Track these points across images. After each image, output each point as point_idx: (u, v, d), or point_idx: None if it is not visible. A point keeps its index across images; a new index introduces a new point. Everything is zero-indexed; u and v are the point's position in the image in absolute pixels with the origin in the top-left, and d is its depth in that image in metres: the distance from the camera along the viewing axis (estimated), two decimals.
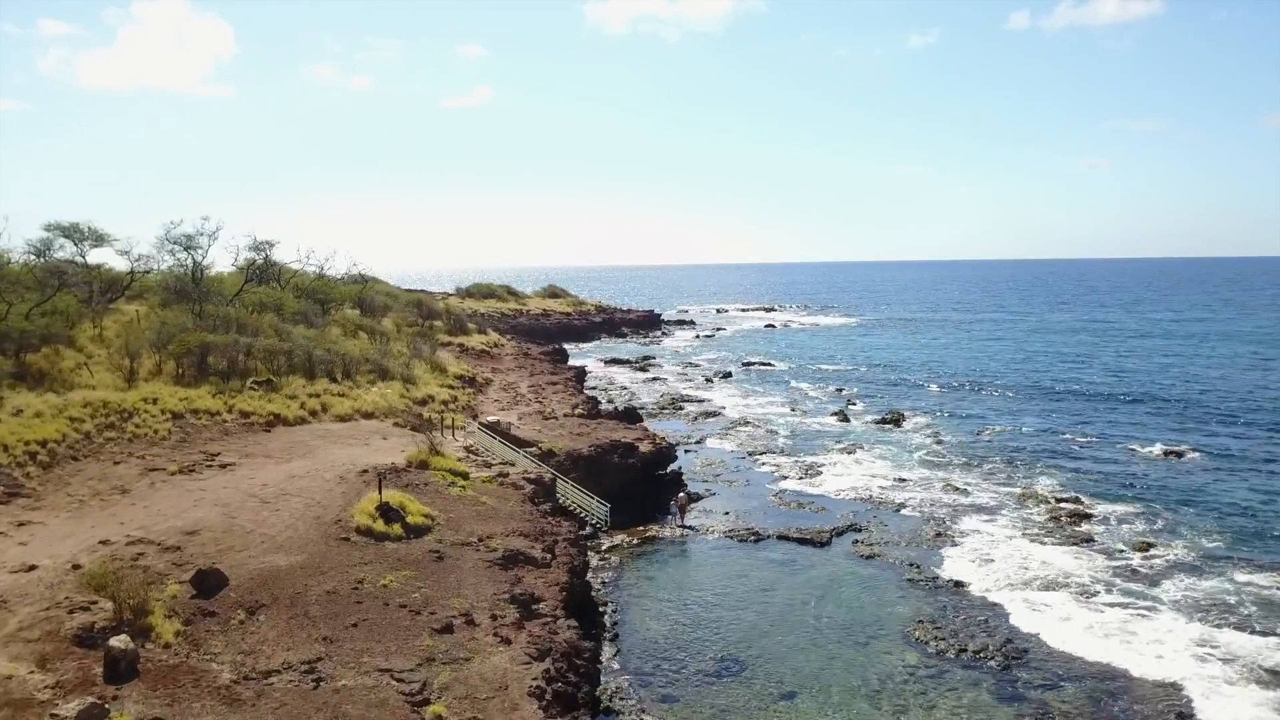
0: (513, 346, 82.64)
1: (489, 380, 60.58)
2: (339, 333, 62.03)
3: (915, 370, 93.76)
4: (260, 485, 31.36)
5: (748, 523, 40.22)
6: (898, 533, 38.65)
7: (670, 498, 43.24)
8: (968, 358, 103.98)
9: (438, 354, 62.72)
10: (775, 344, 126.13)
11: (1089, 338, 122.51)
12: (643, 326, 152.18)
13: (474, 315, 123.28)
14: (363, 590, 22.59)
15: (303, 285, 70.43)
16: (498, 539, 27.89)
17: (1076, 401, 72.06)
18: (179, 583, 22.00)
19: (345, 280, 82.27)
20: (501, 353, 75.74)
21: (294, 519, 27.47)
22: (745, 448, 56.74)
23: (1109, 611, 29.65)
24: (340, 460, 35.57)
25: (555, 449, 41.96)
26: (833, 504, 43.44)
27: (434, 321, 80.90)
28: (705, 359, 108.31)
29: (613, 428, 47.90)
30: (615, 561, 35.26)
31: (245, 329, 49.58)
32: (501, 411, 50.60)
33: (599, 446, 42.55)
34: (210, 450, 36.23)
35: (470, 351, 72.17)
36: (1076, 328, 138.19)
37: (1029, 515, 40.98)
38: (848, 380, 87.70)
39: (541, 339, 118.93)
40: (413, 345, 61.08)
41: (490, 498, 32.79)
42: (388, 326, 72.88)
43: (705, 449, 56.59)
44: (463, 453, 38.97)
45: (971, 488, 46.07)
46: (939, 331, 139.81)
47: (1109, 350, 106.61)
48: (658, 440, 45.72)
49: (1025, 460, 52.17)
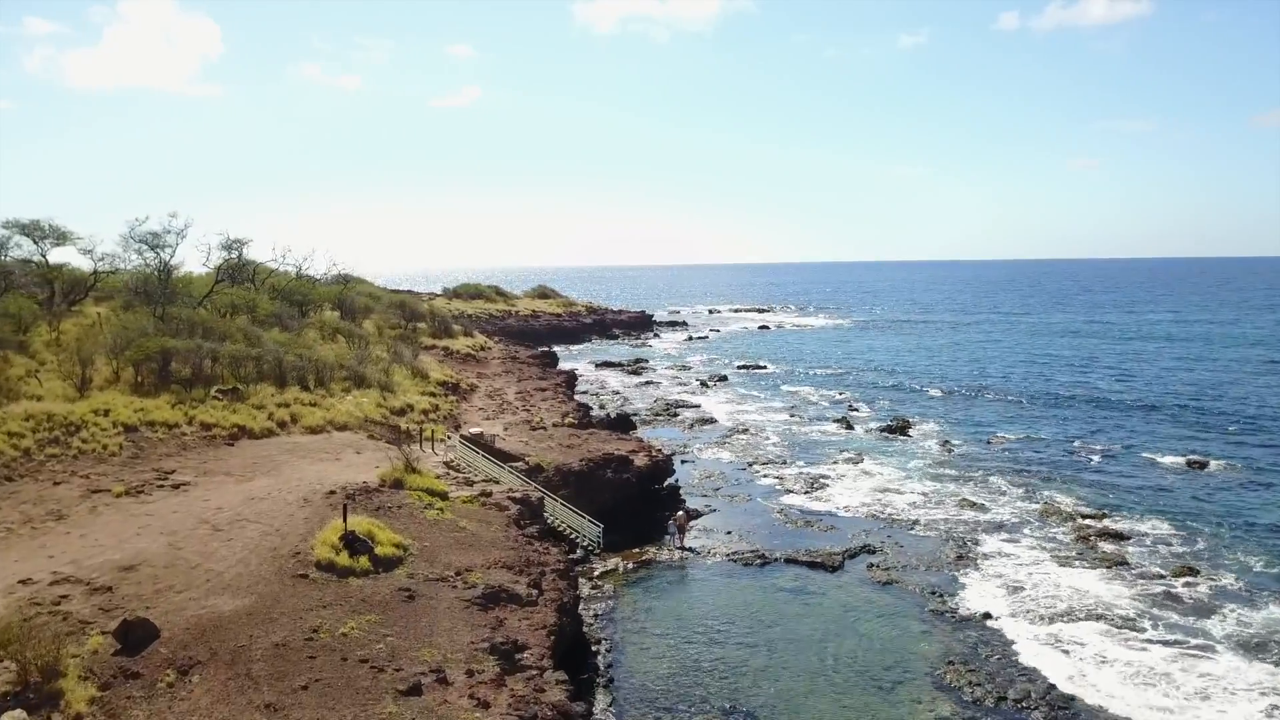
0: (500, 350, 79.55)
1: (474, 386, 57.44)
2: (316, 336, 58.86)
3: (916, 374, 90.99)
4: (215, 509, 28.21)
5: (752, 543, 37.18)
6: (915, 554, 35.68)
7: (668, 514, 40.23)
8: (969, 360, 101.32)
9: (420, 358, 59.57)
10: (770, 346, 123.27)
11: (1090, 340, 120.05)
12: (634, 328, 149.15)
13: (461, 317, 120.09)
14: (318, 641, 19.46)
15: (280, 286, 67.22)
16: (478, 572, 24.82)
17: (1086, 407, 69.32)
18: (103, 633, 18.90)
19: (325, 281, 79.02)
20: (488, 356, 72.61)
21: (247, 551, 24.32)
22: (745, 458, 53.75)
23: (1156, 650, 26.72)
24: (307, 478, 32.45)
25: (543, 463, 38.89)
26: (842, 521, 40.45)
27: (417, 324, 77.76)
28: (699, 361, 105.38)
29: (605, 438, 44.86)
30: (609, 590, 32.18)
31: (212, 333, 46.39)
32: (486, 421, 47.52)
33: (591, 461, 39.49)
34: (164, 468, 33.02)
35: (455, 355, 69.02)
36: (1076, 330, 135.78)
37: (1054, 534, 38.08)
38: (846, 384, 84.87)
39: (531, 341, 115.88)
40: (393, 349, 57.95)
41: (471, 521, 29.71)
42: (369, 329, 69.71)
43: (703, 459, 53.59)
44: (442, 469, 35.89)
45: (989, 502, 43.16)
46: (936, 333, 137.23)
47: (1112, 353, 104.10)
48: (654, 453, 42.69)
49: (1041, 472, 49.33)
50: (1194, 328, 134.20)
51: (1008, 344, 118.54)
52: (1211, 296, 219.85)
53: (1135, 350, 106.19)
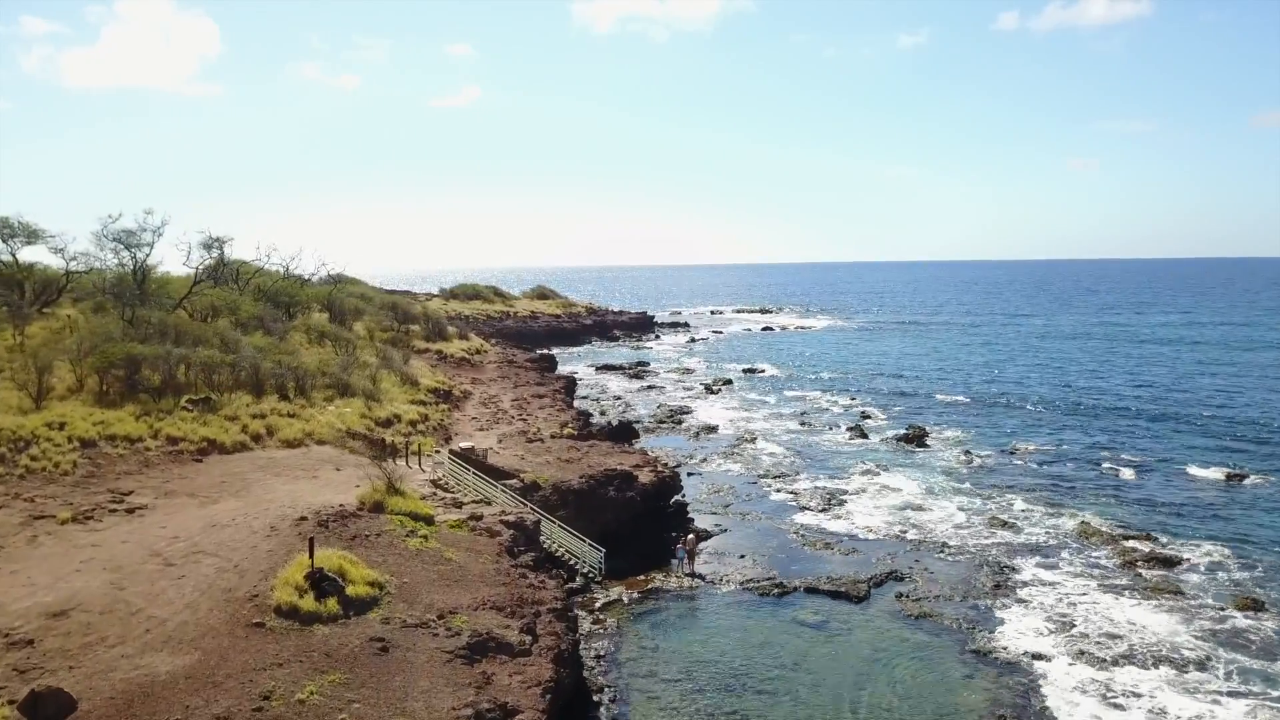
0: (496, 353, 76.44)
1: (468, 393, 54.33)
2: (302, 340, 55.77)
3: (926, 378, 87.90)
4: (170, 538, 25.11)
5: (768, 569, 34.08)
6: (947, 582, 32.57)
7: (675, 535, 37.12)
8: (979, 364, 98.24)
9: (411, 363, 56.48)
10: (775, 349, 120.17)
11: (1102, 343, 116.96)
12: (635, 329, 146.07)
13: (457, 318, 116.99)
14: (268, 712, 16.37)
15: (265, 287, 64.12)
16: (463, 615, 21.74)
17: (1107, 415, 66.24)
18: (10, 702, 15.83)
19: (316, 281, 75.87)
20: (484, 360, 69.51)
21: (198, 593, 21.22)
22: (754, 470, 50.65)
23: (1233, 705, 23.61)
24: (279, 500, 29.36)
25: (540, 480, 35.78)
26: (864, 544, 37.33)
27: (410, 326, 74.66)
28: (702, 364, 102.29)
29: (607, 451, 41.74)
30: (612, 625, 29.05)
31: (185, 338, 43.28)
32: (480, 432, 44.40)
33: (591, 478, 36.36)
34: (121, 488, 29.91)
35: (449, 359, 65.91)
36: (1087, 332, 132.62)
37: (1096, 559, 34.98)
38: (855, 389, 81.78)
39: (529, 343, 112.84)
40: (382, 354, 54.84)
41: (458, 550, 26.62)
42: (359, 332, 66.64)
43: (710, 472, 50.48)
44: (429, 489, 32.78)
45: (1020, 521, 40.07)
46: (944, 335, 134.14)
47: (1127, 357, 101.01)
48: (659, 467, 39.56)
49: (1071, 486, 46.25)
50: (1206, 330, 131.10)
51: (1017, 347, 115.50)
52: (1218, 298, 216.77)
53: (1151, 354, 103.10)
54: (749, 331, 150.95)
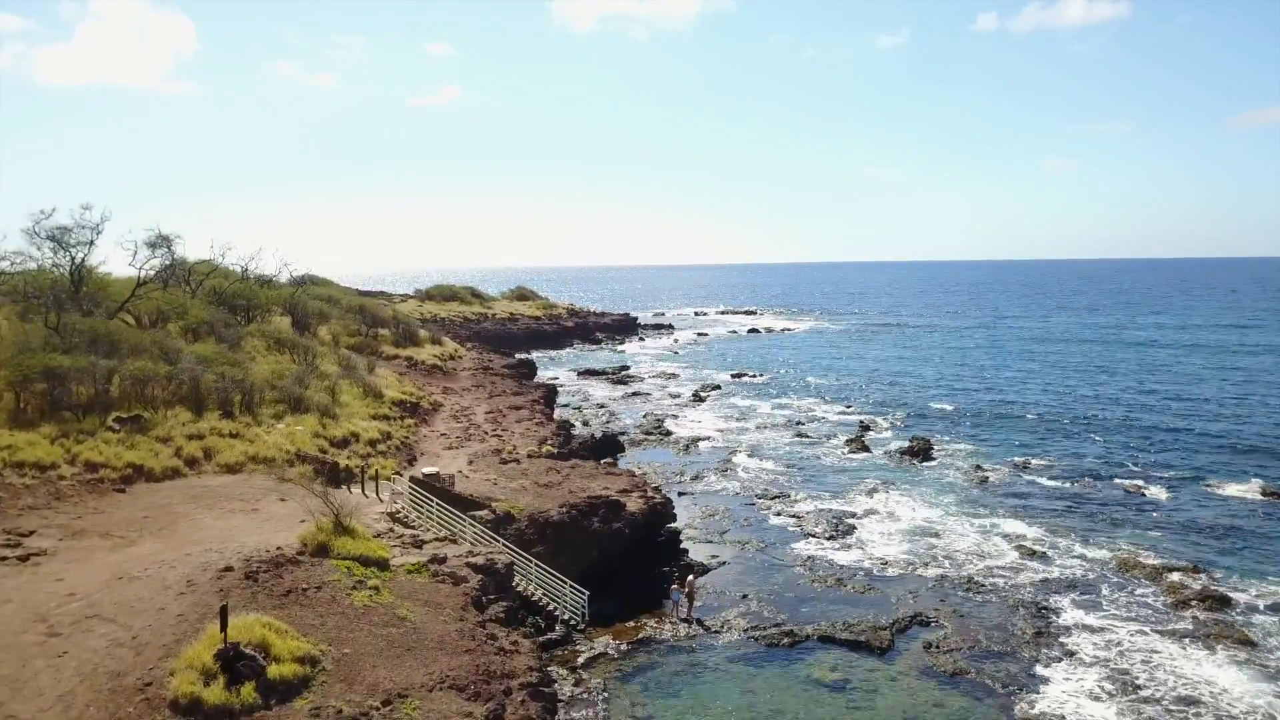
0: (472, 358, 72.03)
1: (438, 405, 49.90)
2: (259, 347, 51.21)
3: (923, 384, 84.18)
4: (65, 596, 20.73)
5: (774, 612, 29.97)
6: (980, 628, 28.58)
7: (667, 569, 33.00)
8: (976, 369, 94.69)
9: (376, 372, 52.06)
10: (762, 352, 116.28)
11: (1098, 347, 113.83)
12: (618, 331, 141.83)
13: (432, 321, 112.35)
14: None
15: (221, 289, 59.45)
16: (415, 698, 17.56)
17: (1119, 425, 62.67)
18: None
19: (280, 283, 71.14)
20: (458, 367, 65.07)
21: (78, 678, 16.87)
22: (751, 488, 46.60)
23: None
24: (208, 540, 25.00)
25: (515, 511, 31.51)
26: (881, 579, 33.25)
27: (380, 330, 70.13)
28: (689, 369, 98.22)
29: (591, 473, 37.50)
30: (598, 687, 24.79)
31: (120, 347, 38.72)
32: (449, 450, 40.02)
33: (573, 507, 32.11)
34: (20, 528, 25.43)
35: (419, 367, 61.45)
36: (1085, 336, 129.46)
37: (1143, 596, 31.11)
38: (850, 395, 77.95)
39: (508, 347, 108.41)
40: (345, 362, 50.39)
41: (415, 606, 22.38)
42: (323, 337, 62.10)
43: (702, 491, 46.38)
44: (386, 523, 28.47)
45: (1049, 549, 36.16)
46: (935, 338, 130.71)
47: (1130, 362, 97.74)
48: (649, 493, 35.36)
49: (1099, 508, 42.49)
50: (1202, 333, 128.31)
51: (1012, 350, 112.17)
52: (1205, 299, 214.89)
53: (1151, 359, 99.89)
54: (735, 334, 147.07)
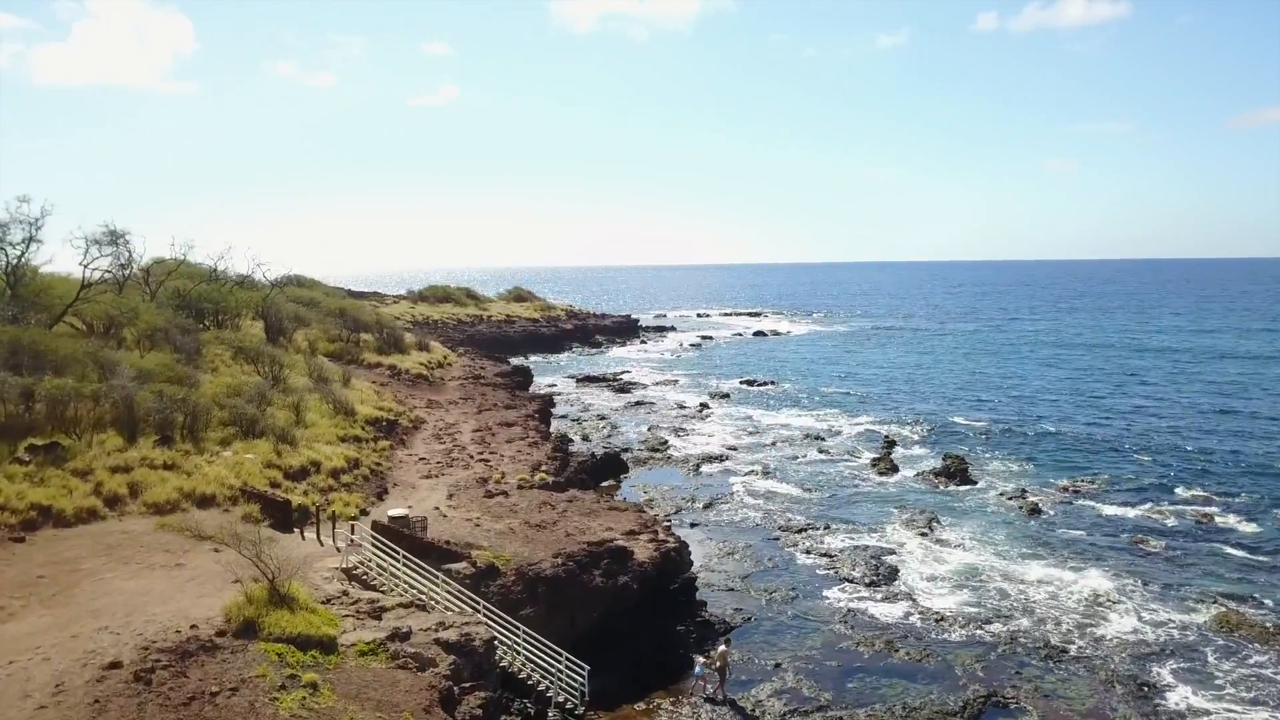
0: (463, 365, 66.63)
1: (419, 422, 44.48)
2: (223, 357, 45.83)
3: (943, 393, 78.76)
4: None
5: (816, 689, 24.52)
6: (1074, 714, 23.17)
7: (682, 627, 27.63)
8: (997, 376, 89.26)
9: (352, 384, 46.69)
10: (770, 357, 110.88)
11: (1123, 354, 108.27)
12: (619, 334, 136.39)
13: (425, 323, 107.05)
14: None
15: (185, 291, 54.05)
16: None
17: (1168, 442, 57.24)
18: None
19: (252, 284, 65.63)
20: (446, 376, 59.66)
21: None
22: (772, 518, 41.22)
23: None
24: (109, 612, 19.68)
25: (500, 561, 26.12)
26: (940, 643, 27.76)
27: (362, 335, 64.77)
28: (695, 375, 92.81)
29: (591, 507, 32.09)
30: None
31: (45, 359, 33.36)
32: (427, 480, 34.57)
33: (571, 557, 26.68)
34: None
35: (403, 376, 56.04)
36: (1101, 340, 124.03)
37: (1261, 666, 25.69)
38: (869, 406, 72.60)
39: (503, 351, 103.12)
40: (317, 374, 45.03)
41: (365, 709, 17.08)
42: (299, 344, 56.74)
43: (717, 521, 41.00)
44: (340, 583, 23.10)
45: (1130, 601, 30.66)
46: (948, 342, 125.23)
47: (1159, 369, 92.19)
48: (660, 534, 29.92)
49: (1171, 542, 37.08)
50: (1225, 339, 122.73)
51: (1032, 356, 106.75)
52: (1216, 302, 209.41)
53: (1185, 368, 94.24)
54: (740, 336, 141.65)
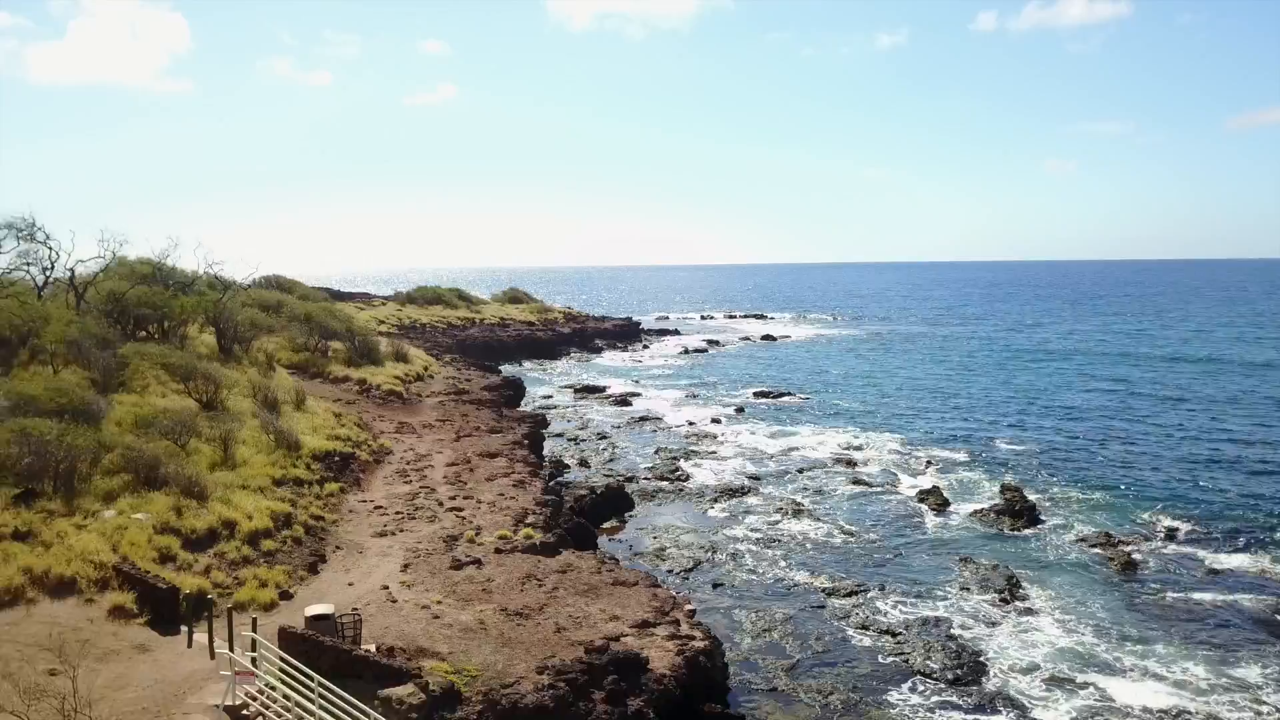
0: (446, 377, 59.22)
1: (383, 454, 37.05)
2: (151, 376, 38.46)
3: (976, 408, 71.21)
4: None
5: None
6: None
7: None
8: (1033, 389, 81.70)
9: (307, 405, 39.33)
10: (783, 364, 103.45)
11: (1162, 364, 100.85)
12: (620, 338, 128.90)
13: (413, 327, 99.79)
14: None
15: (121, 295, 46.68)
16: None
17: (1255, 470, 49.96)
18: None
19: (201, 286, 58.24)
20: (424, 392, 52.20)
21: None
22: (813, 576, 33.73)
23: None
24: None
25: (461, 678, 18.73)
26: None
27: (332, 344, 57.42)
28: (703, 385, 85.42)
29: (589, 581, 24.70)
30: None
31: None
32: (380, 539, 27.10)
33: (562, 673, 19.24)
34: None
35: (373, 393, 48.62)
36: (1130, 348, 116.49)
37: None
38: (899, 423, 65.24)
39: (495, 358, 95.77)
40: (263, 396, 37.68)
41: None
42: (255, 356, 49.39)
43: (746, 581, 33.53)
44: None
45: None
46: (966, 348, 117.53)
47: (1203, 384, 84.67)
48: (685, 626, 22.49)
49: None
50: (1260, 348, 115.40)
51: (1067, 367, 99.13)
52: (1235, 305, 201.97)
53: (1233, 383, 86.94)
54: (748, 341, 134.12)
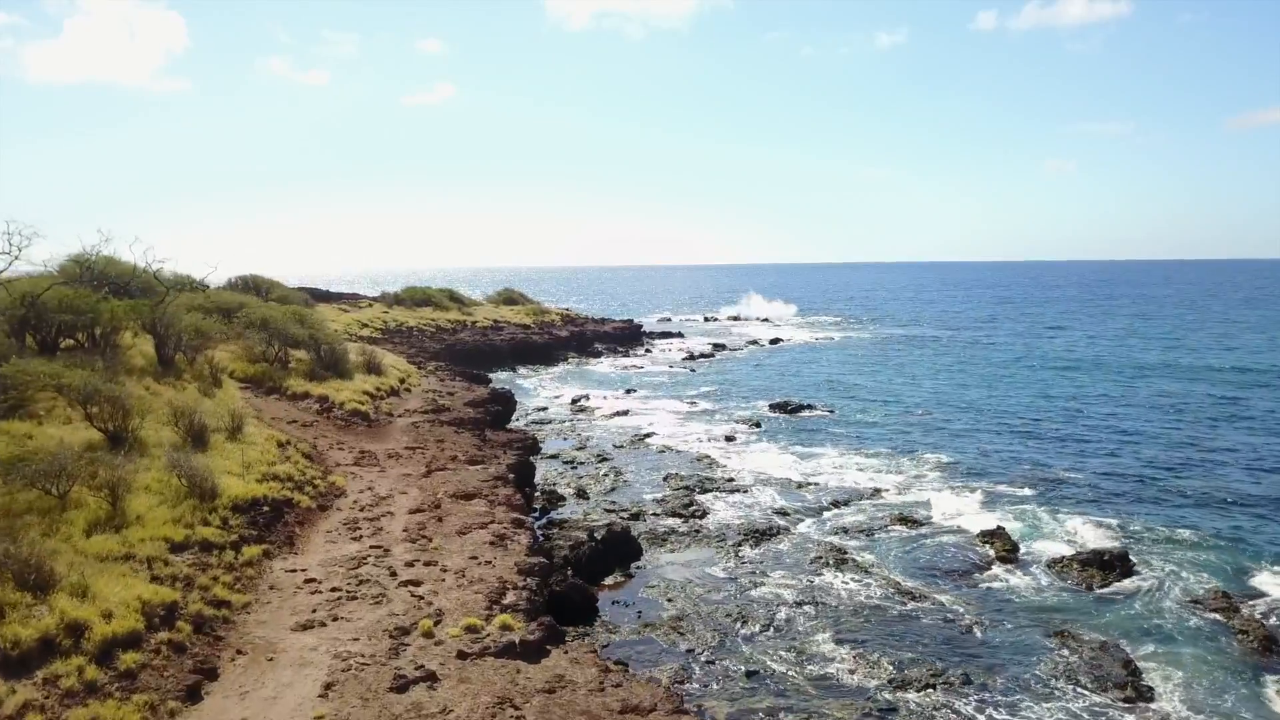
0: (426, 391, 52.01)
1: (333, 495, 29.82)
2: (56, 402, 31.26)
3: (1026, 426, 63.66)
4: None
5: None
6: None
7: None
8: (1073, 400, 74.51)
9: (244, 434, 32.15)
10: (798, 371, 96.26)
11: (1202, 375, 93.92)
12: (622, 342, 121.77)
13: (399, 331, 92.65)
14: None
15: (35, 295, 39.46)
16: None
17: None
18: None
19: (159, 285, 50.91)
20: (396, 410, 44.94)
21: None
22: (873, 663, 26.65)
23: None
24: None
25: None
26: None
27: (297, 353, 50.22)
28: (713, 395, 78.30)
29: (587, 703, 17.62)
30: None
31: None
32: (302, 634, 19.85)
33: None
34: None
35: (335, 413, 41.41)
36: (1171, 361, 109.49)
37: None
38: (933, 439, 58.11)
39: (488, 363, 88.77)
40: (185, 425, 30.51)
41: None
42: (199, 371, 42.21)
43: (783, 674, 26.39)
44: None
45: None
46: (987, 355, 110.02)
47: (1271, 394, 77.57)
48: None
49: None
50: None
51: (1090, 375, 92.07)
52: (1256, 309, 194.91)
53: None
54: (757, 344, 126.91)
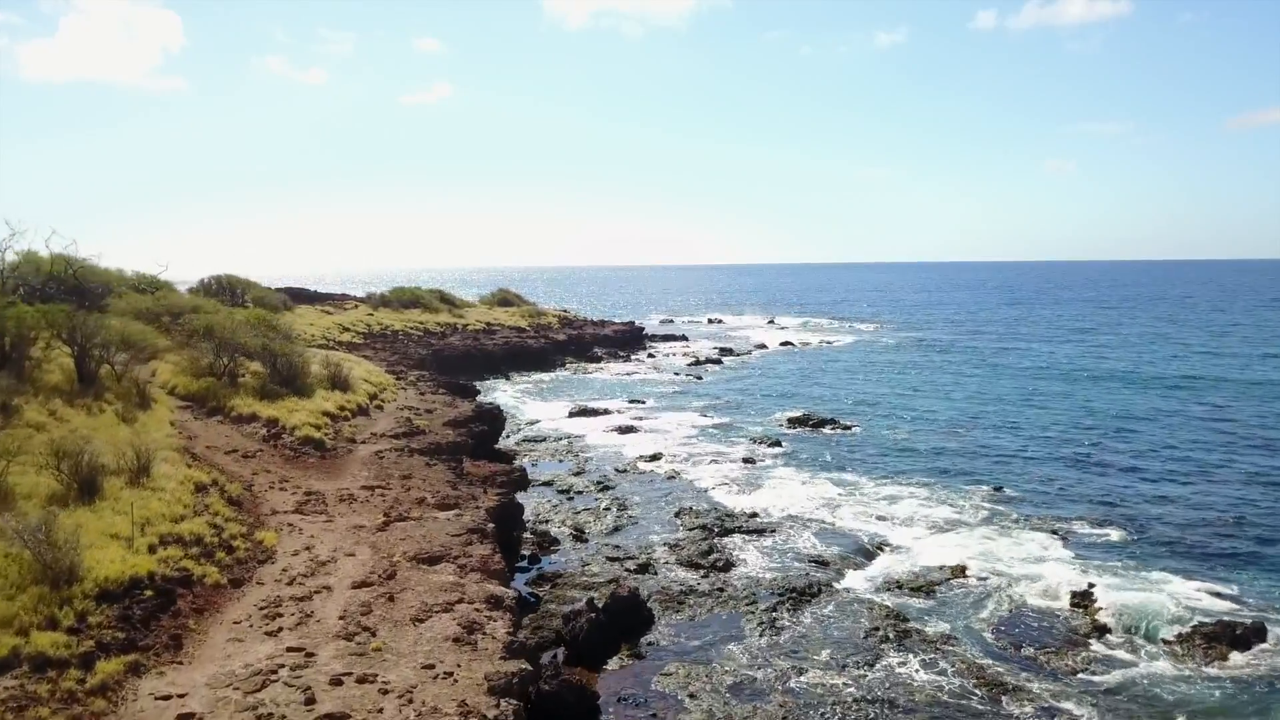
0: (401, 407, 45.13)
1: (257, 560, 22.94)
2: None
3: (1072, 448, 56.82)
4: None
5: None
6: None
7: None
8: (1129, 420, 67.79)
9: (152, 476, 25.29)
10: (813, 379, 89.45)
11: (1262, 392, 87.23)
12: (623, 346, 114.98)
13: (383, 335, 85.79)
14: None
15: None
16: None
17: None
18: None
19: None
20: (360, 434, 38.01)
21: None
22: None
23: None
24: None
25: None
26: None
27: (251, 365, 43.42)
28: (725, 407, 71.50)
29: None
30: None
31: None
32: None
33: None
34: None
35: (284, 440, 34.53)
36: (1223, 376, 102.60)
37: None
38: (978, 465, 51.35)
39: (479, 370, 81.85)
40: (70, 468, 23.66)
41: None
42: (127, 389, 35.42)
43: None
44: None
45: None
46: (1015, 362, 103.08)
47: None
48: None
49: None
50: None
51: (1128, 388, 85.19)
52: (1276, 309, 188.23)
53: None
54: (764, 348, 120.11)
